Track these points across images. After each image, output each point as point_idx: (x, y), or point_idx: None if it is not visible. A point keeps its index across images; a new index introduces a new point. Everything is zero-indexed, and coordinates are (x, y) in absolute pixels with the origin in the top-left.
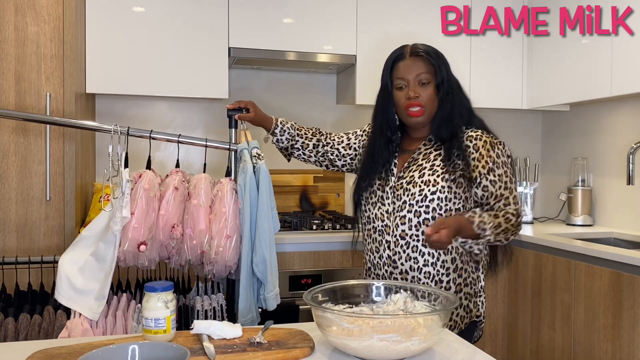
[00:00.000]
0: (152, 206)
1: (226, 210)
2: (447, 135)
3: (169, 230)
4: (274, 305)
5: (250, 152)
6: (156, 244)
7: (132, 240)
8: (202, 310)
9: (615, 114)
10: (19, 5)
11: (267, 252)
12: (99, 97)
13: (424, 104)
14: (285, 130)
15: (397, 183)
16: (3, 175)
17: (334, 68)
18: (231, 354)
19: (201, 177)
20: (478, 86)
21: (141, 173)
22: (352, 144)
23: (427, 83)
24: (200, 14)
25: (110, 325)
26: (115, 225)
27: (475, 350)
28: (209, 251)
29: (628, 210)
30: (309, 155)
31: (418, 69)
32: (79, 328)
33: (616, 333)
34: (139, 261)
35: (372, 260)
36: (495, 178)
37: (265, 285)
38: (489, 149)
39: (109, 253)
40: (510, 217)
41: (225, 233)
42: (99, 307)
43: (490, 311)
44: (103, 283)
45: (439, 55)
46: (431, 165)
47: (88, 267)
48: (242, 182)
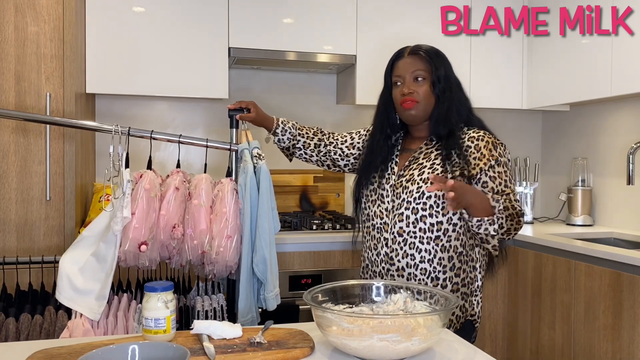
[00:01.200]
0: (153, 206)
1: (227, 210)
2: (444, 132)
3: (170, 230)
4: (274, 306)
5: (251, 152)
6: (157, 244)
7: (132, 240)
8: (202, 311)
9: (615, 114)
10: (19, 5)
11: (267, 252)
12: (99, 97)
13: (418, 99)
14: (287, 130)
15: (397, 181)
16: (3, 175)
17: (334, 68)
18: (231, 354)
19: (202, 177)
20: (478, 86)
21: (142, 173)
22: (356, 143)
23: (423, 79)
24: (200, 14)
25: (112, 325)
26: (116, 225)
27: (475, 350)
28: (209, 251)
29: (628, 210)
30: (311, 155)
31: (414, 67)
32: (80, 328)
33: (616, 333)
34: (139, 261)
35: (370, 257)
36: (495, 174)
37: (266, 285)
38: (491, 149)
39: (110, 253)
40: (515, 205)
41: (225, 233)
42: (99, 307)
43: (490, 311)
44: (104, 283)
45: (438, 54)
46: (431, 164)
47: (89, 267)
48: (243, 182)
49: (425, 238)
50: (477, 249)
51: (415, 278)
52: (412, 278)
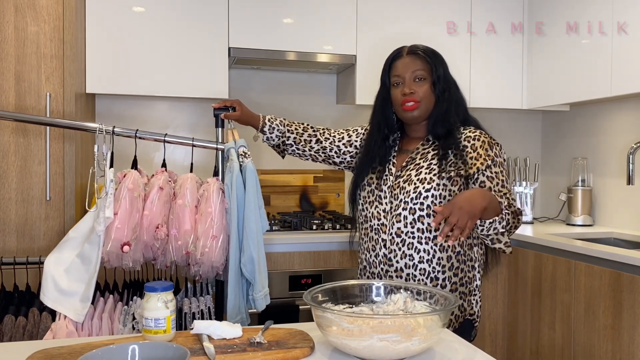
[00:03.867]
0: (136, 206)
1: (212, 210)
2: (442, 132)
3: (153, 230)
4: (263, 306)
5: (237, 151)
6: (140, 244)
7: (115, 240)
8: (189, 313)
9: (615, 114)
10: (19, 5)
11: (255, 252)
12: (99, 97)
13: (419, 99)
14: (275, 128)
15: (395, 182)
16: (3, 175)
17: (334, 68)
18: (231, 354)
19: (187, 176)
20: (478, 86)
21: (125, 173)
22: (354, 141)
23: (423, 79)
24: (200, 14)
25: (96, 327)
26: (99, 226)
27: (476, 350)
28: (194, 252)
29: (628, 210)
30: (303, 150)
31: (414, 66)
32: (63, 330)
33: (616, 333)
34: (123, 262)
35: (368, 259)
36: (492, 175)
37: (254, 285)
38: (487, 149)
39: (94, 254)
40: (513, 203)
41: (211, 233)
42: (83, 309)
43: (490, 311)
44: (88, 284)
45: (436, 54)
46: (428, 164)
47: (73, 269)
48: (229, 182)
49: (423, 238)
50: (475, 248)
51: (414, 278)
52: (411, 278)
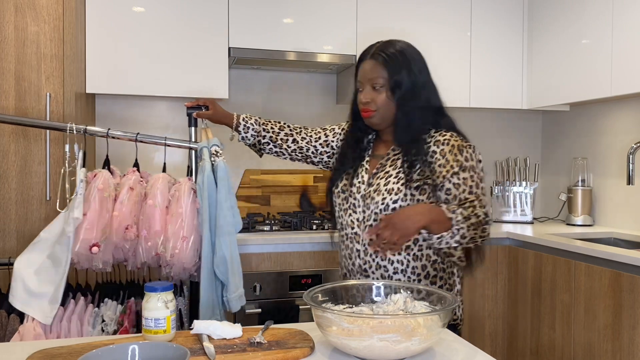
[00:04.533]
0: (106, 207)
1: (183, 211)
2: (407, 139)
3: (123, 231)
4: (238, 307)
5: (210, 150)
6: (110, 245)
7: (83, 241)
8: None
9: (615, 114)
10: (19, 5)
11: (228, 252)
12: (99, 98)
13: (375, 108)
14: (250, 127)
15: (367, 191)
16: (3, 176)
17: (334, 68)
18: (231, 354)
19: (159, 177)
20: (478, 86)
21: (96, 173)
22: (330, 141)
23: (380, 87)
24: (200, 14)
25: (65, 329)
26: (68, 227)
27: (476, 351)
28: (164, 253)
29: (628, 210)
30: (280, 150)
31: (372, 74)
32: (31, 333)
33: (616, 333)
34: (93, 263)
35: (347, 266)
36: (459, 181)
37: (227, 286)
38: (456, 153)
39: (64, 255)
40: (479, 211)
41: (181, 234)
42: (52, 311)
43: (490, 311)
44: (57, 286)
45: (400, 57)
46: (397, 172)
47: (43, 270)
48: (201, 181)
49: None
50: (457, 253)
51: None
52: None
